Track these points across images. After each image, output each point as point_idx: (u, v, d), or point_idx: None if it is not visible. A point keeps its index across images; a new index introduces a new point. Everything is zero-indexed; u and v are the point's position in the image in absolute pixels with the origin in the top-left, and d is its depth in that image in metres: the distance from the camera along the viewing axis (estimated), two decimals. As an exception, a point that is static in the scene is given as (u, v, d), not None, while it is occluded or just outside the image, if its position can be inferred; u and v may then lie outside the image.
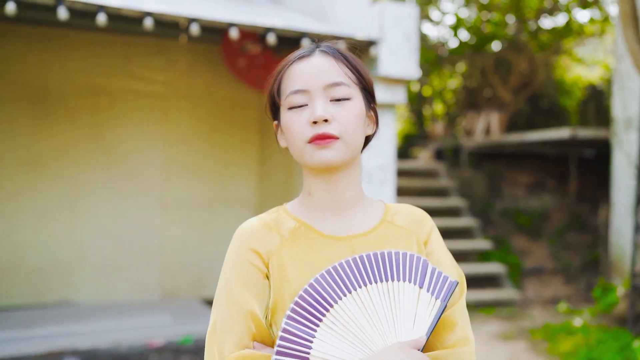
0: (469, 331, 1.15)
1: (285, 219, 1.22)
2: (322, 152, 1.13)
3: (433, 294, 1.12)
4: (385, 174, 4.86)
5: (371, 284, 1.11)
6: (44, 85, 6.00)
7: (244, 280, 1.15)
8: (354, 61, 1.21)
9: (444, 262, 1.22)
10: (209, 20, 3.99)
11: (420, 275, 1.13)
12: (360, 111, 1.18)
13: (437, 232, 1.26)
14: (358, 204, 1.23)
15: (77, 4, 3.59)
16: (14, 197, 5.90)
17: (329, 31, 4.44)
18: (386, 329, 1.08)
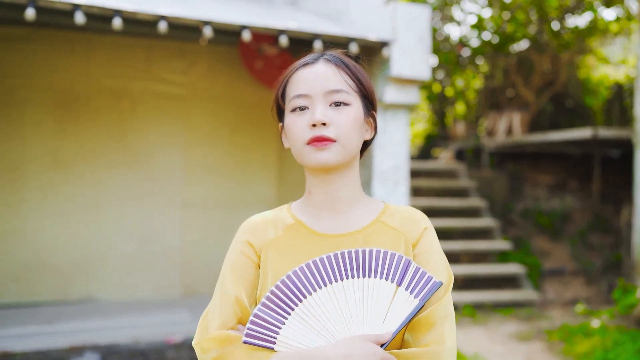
0: (447, 332, 1.16)
1: (285, 216, 1.32)
2: (319, 154, 1.22)
3: (412, 292, 1.15)
4: (399, 174, 4.89)
5: (347, 279, 1.16)
6: (68, 88, 6.18)
7: (235, 270, 1.26)
8: (355, 70, 1.29)
9: (432, 264, 1.24)
10: (222, 23, 4.08)
11: (400, 273, 1.16)
12: (357, 116, 1.26)
13: (431, 235, 1.28)
14: (355, 204, 1.30)
15: (94, 8, 3.71)
16: (40, 197, 6.09)
17: (342, 33, 4.49)
18: (355, 323, 1.13)
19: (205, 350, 1.16)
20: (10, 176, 6.00)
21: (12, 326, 5.25)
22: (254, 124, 7.02)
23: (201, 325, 1.22)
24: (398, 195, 4.90)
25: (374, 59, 4.83)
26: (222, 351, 1.13)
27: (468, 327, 6.29)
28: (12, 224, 6.02)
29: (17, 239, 6.03)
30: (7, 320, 5.45)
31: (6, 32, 5.80)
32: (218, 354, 1.13)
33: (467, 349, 5.46)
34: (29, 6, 3.53)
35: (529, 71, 9.70)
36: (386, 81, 4.69)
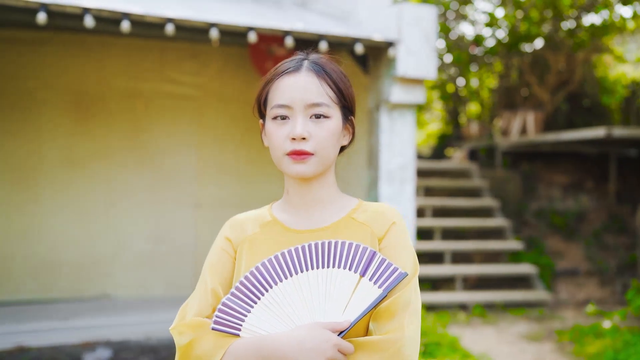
0: (407, 321, 1.19)
1: (265, 214, 1.40)
2: (298, 166, 1.28)
3: (376, 282, 1.19)
4: (406, 173, 4.92)
5: (311, 270, 1.21)
6: (83, 89, 6.31)
7: (214, 264, 1.35)
8: (337, 79, 1.34)
9: (398, 256, 1.27)
10: (228, 24, 4.14)
11: (364, 264, 1.21)
12: (336, 128, 1.31)
13: (399, 229, 1.32)
14: (329, 202, 1.36)
15: (104, 12, 3.80)
16: (57, 195, 6.22)
17: (347, 33, 4.53)
18: (317, 312, 1.18)
19: (180, 334, 1.23)
20: (28, 176, 6.15)
21: (28, 322, 5.38)
22: (265, 124, 7.07)
23: (180, 313, 1.30)
24: (405, 195, 4.93)
25: (380, 59, 4.86)
26: (195, 335, 1.21)
27: (478, 327, 6.28)
28: (29, 222, 6.16)
29: (34, 237, 6.17)
30: (24, 316, 5.59)
31: (24, 36, 5.94)
32: (191, 338, 1.21)
33: (475, 348, 5.46)
34: (40, 10, 3.63)
35: (544, 70, 9.64)
36: (392, 81, 4.72)
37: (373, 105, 5.01)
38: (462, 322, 6.41)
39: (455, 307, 6.90)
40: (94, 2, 3.79)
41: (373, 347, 1.16)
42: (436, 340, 5.08)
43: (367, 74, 5.06)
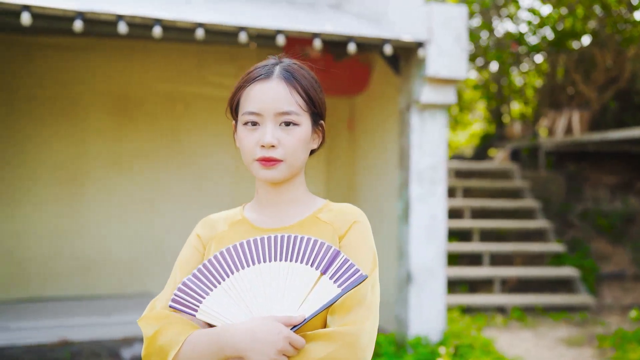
0: (362, 316, 1.22)
1: (237, 213, 1.46)
2: (267, 172, 1.34)
3: (336, 282, 1.22)
4: (436, 173, 4.89)
5: (274, 261, 1.25)
6: (125, 93, 6.53)
7: (183, 261, 1.41)
8: (307, 86, 1.38)
9: (356, 255, 1.31)
10: (257, 28, 4.22)
11: (327, 262, 1.24)
12: (305, 135, 1.36)
13: (360, 228, 1.36)
14: (296, 202, 1.41)
15: (136, 18, 3.94)
16: (101, 195, 6.46)
17: (375, 34, 4.54)
18: (273, 303, 1.21)
19: (146, 325, 1.29)
20: (75, 177, 6.40)
21: (72, 317, 5.61)
22: (302, 125, 7.15)
23: (149, 306, 1.36)
24: (436, 195, 4.90)
25: (411, 60, 4.85)
26: (159, 326, 1.26)
27: (515, 331, 6.17)
28: (75, 221, 6.42)
29: (80, 236, 6.42)
30: (69, 311, 5.82)
31: (71, 43, 6.19)
32: (156, 329, 1.26)
33: (511, 352, 5.37)
34: (77, 18, 3.79)
35: (590, 67, 9.37)
36: (422, 81, 4.71)
37: (404, 106, 5.00)
38: (499, 325, 6.31)
39: (492, 309, 6.80)
40: (127, 9, 3.93)
41: (328, 338, 1.18)
42: (468, 343, 5.03)
43: (399, 74, 5.06)
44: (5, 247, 6.21)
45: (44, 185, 6.34)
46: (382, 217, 5.70)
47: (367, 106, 6.13)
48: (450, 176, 8.41)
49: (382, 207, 5.70)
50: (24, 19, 3.67)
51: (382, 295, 5.65)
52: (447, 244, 7.28)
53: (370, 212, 6.02)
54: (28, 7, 3.69)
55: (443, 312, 4.99)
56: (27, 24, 3.69)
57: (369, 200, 6.06)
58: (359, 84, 6.08)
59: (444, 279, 4.98)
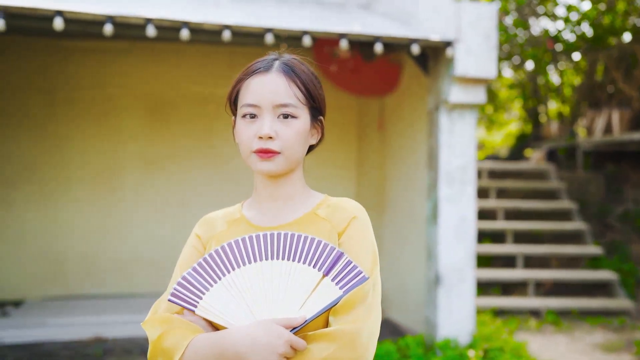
0: (364, 314, 1.21)
1: (236, 211, 1.45)
2: (264, 164, 1.33)
3: (338, 283, 1.21)
4: (466, 174, 4.83)
5: (276, 260, 1.24)
6: (159, 95, 6.65)
7: (184, 262, 1.41)
8: (306, 80, 1.38)
9: (355, 252, 1.29)
10: (283, 29, 4.25)
11: (329, 264, 1.23)
12: (303, 128, 1.35)
13: (359, 224, 1.34)
14: (295, 198, 1.40)
15: (165, 21, 4.01)
16: (136, 195, 6.59)
17: (403, 34, 4.51)
18: (273, 303, 1.20)
19: (151, 327, 1.29)
20: (111, 177, 6.55)
21: (107, 314, 5.74)
22: (333, 125, 7.15)
23: (153, 308, 1.35)
24: (465, 196, 4.84)
25: (439, 59, 4.80)
26: (164, 329, 1.26)
27: (549, 335, 6.05)
28: (112, 221, 6.57)
29: (116, 235, 6.57)
30: (104, 308, 5.96)
31: (107, 46, 6.34)
32: (161, 332, 1.26)
33: (543, 356, 5.26)
34: (107, 22, 3.88)
35: (631, 65, 9.10)
36: (451, 81, 4.66)
37: (432, 106, 4.96)
38: (533, 329, 6.19)
39: (526, 313, 6.67)
40: (155, 12, 4.01)
41: (329, 338, 1.18)
42: (499, 346, 4.95)
43: (427, 74, 5.02)
44: (46, 246, 6.39)
45: (81, 185, 6.51)
46: (411, 218, 5.66)
47: (397, 106, 6.10)
48: (483, 177, 8.29)
49: (411, 207, 5.65)
50: (56, 24, 3.78)
51: (410, 296, 5.61)
52: (480, 245, 7.18)
53: (399, 213, 5.99)
54: (61, 12, 3.80)
55: (472, 314, 4.93)
56: (59, 28, 3.80)
57: (399, 201, 6.02)
58: (389, 84, 6.05)
59: (473, 280, 4.92)
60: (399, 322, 5.93)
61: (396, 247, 6.07)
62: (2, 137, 6.32)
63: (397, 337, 5.38)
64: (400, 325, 5.85)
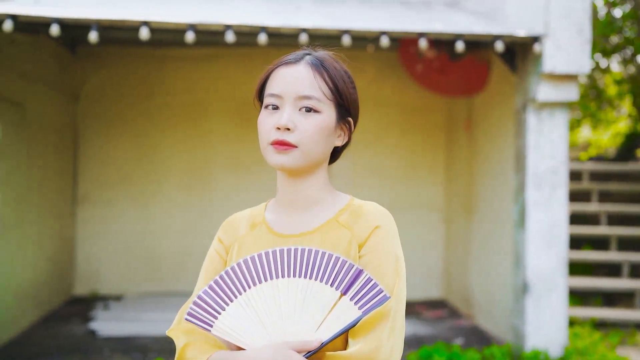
0: (385, 334, 1.14)
1: (259, 213, 1.38)
2: (279, 157, 1.26)
3: (357, 303, 1.14)
4: (557, 177, 4.56)
5: (292, 277, 1.17)
6: (247, 98, 6.80)
7: (207, 267, 1.37)
8: (335, 75, 1.30)
9: (376, 266, 1.21)
10: (360, 30, 4.21)
11: (347, 282, 1.16)
12: (325, 124, 1.27)
13: (383, 234, 1.24)
14: (316, 202, 1.31)
15: (243, 27, 4.10)
16: (225, 197, 6.81)
17: (485, 31, 4.34)
18: (289, 323, 1.15)
19: (176, 338, 1.28)
20: (202, 179, 6.81)
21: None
22: (420, 127, 7.03)
23: (177, 316, 1.33)
24: (556, 200, 4.57)
25: (527, 56, 4.57)
26: (187, 340, 1.25)
27: (655, 350, 5.57)
28: (203, 221, 6.82)
29: (207, 235, 6.80)
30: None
31: (198, 53, 6.59)
32: (184, 343, 1.24)
33: (646, 373, 4.86)
34: (189, 30, 4.03)
35: None
36: (539, 78, 4.41)
37: (520, 105, 4.72)
38: (639, 344, 5.73)
39: (631, 326, 6.19)
40: (234, 19, 4.11)
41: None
42: (595, 360, 4.63)
43: (515, 72, 4.79)
44: (143, 244, 6.75)
45: (174, 186, 6.81)
46: (499, 222, 5.44)
47: (485, 106, 5.88)
48: (584, 179, 7.81)
49: (498, 211, 5.43)
50: (142, 34, 3.97)
51: (498, 303, 5.39)
52: (579, 252, 6.75)
53: (487, 217, 5.76)
54: (147, 22, 3.99)
55: (564, 326, 4.64)
56: (145, 38, 3.99)
57: (486, 205, 5.80)
58: (476, 84, 5.84)
59: (565, 289, 4.63)
60: (486, 329, 5.71)
61: (484, 251, 5.85)
62: (103, 142, 6.74)
63: (484, 345, 5.18)
64: (488, 332, 5.63)
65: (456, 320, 6.10)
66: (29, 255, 5.53)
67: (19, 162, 5.22)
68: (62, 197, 6.41)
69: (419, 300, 6.95)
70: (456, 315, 6.34)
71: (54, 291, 6.18)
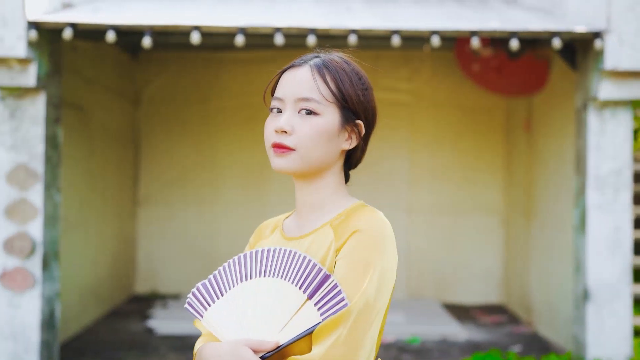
0: (331, 349, 1.12)
1: (282, 217, 1.42)
2: (277, 160, 1.26)
3: (320, 309, 1.15)
4: (620, 179, 4.33)
5: (269, 277, 1.20)
6: (302, 101, 6.85)
7: None
8: (339, 77, 1.28)
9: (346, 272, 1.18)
10: (410, 30, 4.14)
11: (314, 286, 1.16)
12: (325, 127, 1.25)
13: (359, 239, 1.20)
14: (321, 206, 1.30)
15: (292, 29, 4.12)
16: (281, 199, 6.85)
17: (542, 27, 4.17)
18: (261, 322, 1.18)
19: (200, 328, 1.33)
20: (257, 181, 6.89)
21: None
22: (478, 128, 6.86)
23: None
24: (619, 204, 4.35)
25: (587, 52, 4.37)
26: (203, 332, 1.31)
27: None
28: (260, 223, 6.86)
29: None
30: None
31: (253, 56, 6.68)
32: (202, 334, 1.32)
33: None
34: (239, 33, 4.08)
35: None
36: (600, 76, 4.21)
37: (580, 104, 4.52)
38: None
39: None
40: (283, 21, 4.13)
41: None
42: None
43: (575, 69, 4.60)
44: (199, 244, 6.89)
45: (232, 187, 6.92)
46: (559, 226, 5.24)
47: (545, 106, 5.67)
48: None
49: (559, 215, 5.23)
50: (194, 38, 4.05)
51: (558, 310, 5.19)
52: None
53: (547, 221, 5.56)
54: (198, 27, 4.06)
55: (628, 335, 4.41)
56: (196, 42, 4.06)
57: (546, 208, 5.60)
58: (536, 83, 5.64)
59: (629, 297, 4.40)
60: (546, 337, 5.50)
61: (544, 256, 5.64)
62: (164, 145, 6.93)
63: (542, 354, 4.99)
64: (547, 341, 5.42)
65: (515, 327, 5.91)
66: (91, 254, 5.75)
67: (81, 165, 5.43)
68: (124, 198, 6.63)
69: (477, 304, 6.78)
70: (515, 321, 6.14)
71: (116, 289, 6.40)
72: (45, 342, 4.17)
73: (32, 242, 4.08)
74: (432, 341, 5.43)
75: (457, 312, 6.36)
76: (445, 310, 6.36)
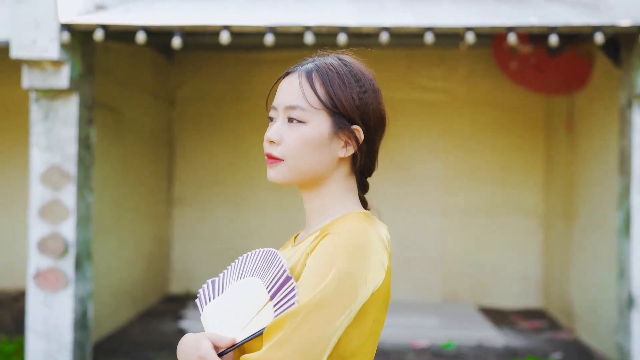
0: (267, 352, 1.10)
1: None
2: (269, 170, 1.27)
3: (277, 310, 1.16)
4: (668, 181, 4.13)
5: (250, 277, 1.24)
6: (336, 100, 6.77)
7: None
8: (329, 82, 1.22)
9: (303, 273, 1.16)
10: (444, 27, 4.03)
11: (277, 287, 1.17)
12: (312, 135, 1.21)
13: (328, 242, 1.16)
14: (319, 214, 1.27)
15: (322, 28, 4.05)
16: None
17: (583, 22, 4.00)
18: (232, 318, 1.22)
19: None
20: (290, 181, 6.84)
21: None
22: (515, 128, 6.67)
23: None
24: (666, 207, 4.14)
25: (632, 48, 4.18)
26: None
27: None
28: (293, 225, 6.84)
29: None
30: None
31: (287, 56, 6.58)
32: None
33: None
34: (268, 32, 4.03)
35: None
36: (644, 73, 4.01)
37: (624, 102, 4.32)
38: None
39: None
40: (313, 20, 4.07)
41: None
42: None
43: (619, 66, 4.40)
44: (233, 245, 6.88)
45: (266, 188, 6.88)
46: (602, 229, 5.03)
47: (588, 104, 5.46)
48: None
49: (601, 217, 5.03)
50: (222, 38, 4.02)
51: (601, 317, 5.00)
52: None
53: (589, 223, 5.35)
54: (227, 27, 4.03)
55: (677, 346, 4.19)
56: (226, 42, 4.03)
57: (588, 210, 5.39)
58: (577, 80, 5.44)
59: (677, 306, 4.18)
60: (588, 344, 5.30)
61: (586, 260, 5.44)
62: (198, 145, 6.95)
63: (584, 363, 4.80)
64: (590, 348, 5.21)
65: (556, 333, 5.71)
66: (126, 254, 5.79)
67: (115, 166, 5.47)
68: (158, 198, 6.67)
69: (515, 309, 6.59)
70: (556, 327, 5.94)
71: (150, 289, 6.44)
72: (78, 341, 4.21)
73: (64, 243, 4.12)
74: (467, 346, 5.28)
75: (494, 316, 6.19)
76: (482, 314, 6.19)
